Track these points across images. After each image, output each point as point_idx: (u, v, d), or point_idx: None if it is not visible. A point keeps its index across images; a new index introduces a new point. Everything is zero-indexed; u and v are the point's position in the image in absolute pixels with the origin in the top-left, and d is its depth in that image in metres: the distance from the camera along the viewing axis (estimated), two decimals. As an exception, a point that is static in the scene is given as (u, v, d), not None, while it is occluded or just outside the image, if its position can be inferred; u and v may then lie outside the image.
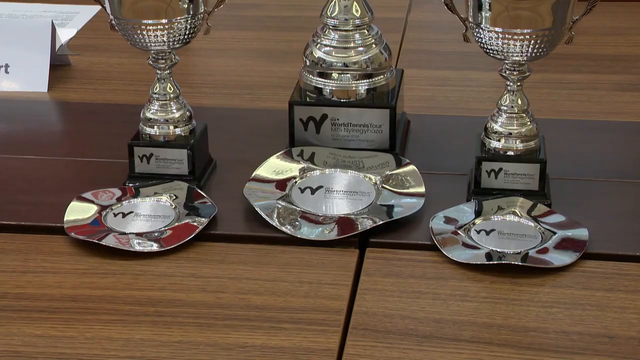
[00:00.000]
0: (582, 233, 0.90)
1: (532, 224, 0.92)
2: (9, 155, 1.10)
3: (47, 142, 1.15)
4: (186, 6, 0.95)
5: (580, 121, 1.16)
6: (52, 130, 1.21)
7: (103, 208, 0.95)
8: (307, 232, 0.92)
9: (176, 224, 0.93)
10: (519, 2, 0.90)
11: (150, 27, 0.95)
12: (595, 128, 1.14)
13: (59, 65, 1.32)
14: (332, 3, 1.04)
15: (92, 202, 0.96)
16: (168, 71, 0.99)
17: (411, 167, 1.00)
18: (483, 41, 0.93)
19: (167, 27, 0.95)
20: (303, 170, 1.01)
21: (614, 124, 1.15)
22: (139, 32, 0.95)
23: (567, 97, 1.23)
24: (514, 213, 0.93)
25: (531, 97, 0.98)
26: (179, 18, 0.95)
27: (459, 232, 0.91)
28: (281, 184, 0.99)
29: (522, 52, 0.92)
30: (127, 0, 0.94)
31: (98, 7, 0.99)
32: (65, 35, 1.35)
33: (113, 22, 0.97)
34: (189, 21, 0.96)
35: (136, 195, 0.97)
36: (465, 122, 1.15)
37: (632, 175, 1.03)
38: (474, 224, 0.92)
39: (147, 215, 0.94)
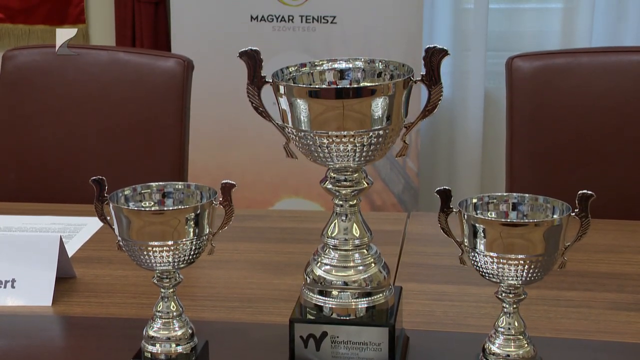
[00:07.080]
0: None
1: None
2: (9, 373, 1.10)
3: (47, 359, 1.14)
4: (191, 229, 0.98)
5: (578, 341, 1.17)
6: (53, 346, 1.21)
7: None
8: None
9: None
10: (512, 229, 0.94)
11: (157, 248, 0.98)
12: (593, 348, 1.15)
13: (64, 277, 1.34)
14: (333, 224, 1.07)
15: (90, 422, 0.96)
16: (172, 290, 1.02)
17: (410, 387, 1.00)
18: (479, 265, 0.96)
19: (172, 248, 0.98)
20: (303, 390, 1.01)
21: (611, 345, 1.16)
22: (145, 253, 0.98)
23: (563, 315, 1.24)
24: None
25: (527, 314, 0.99)
26: (184, 240, 0.98)
27: None
28: (281, 404, 0.99)
29: (516, 276, 0.94)
30: (135, 224, 0.98)
31: (105, 221, 1.02)
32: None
33: (120, 243, 1.00)
34: (194, 243, 0.99)
35: (135, 415, 0.97)
36: (464, 339, 1.15)
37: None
38: None
39: None
